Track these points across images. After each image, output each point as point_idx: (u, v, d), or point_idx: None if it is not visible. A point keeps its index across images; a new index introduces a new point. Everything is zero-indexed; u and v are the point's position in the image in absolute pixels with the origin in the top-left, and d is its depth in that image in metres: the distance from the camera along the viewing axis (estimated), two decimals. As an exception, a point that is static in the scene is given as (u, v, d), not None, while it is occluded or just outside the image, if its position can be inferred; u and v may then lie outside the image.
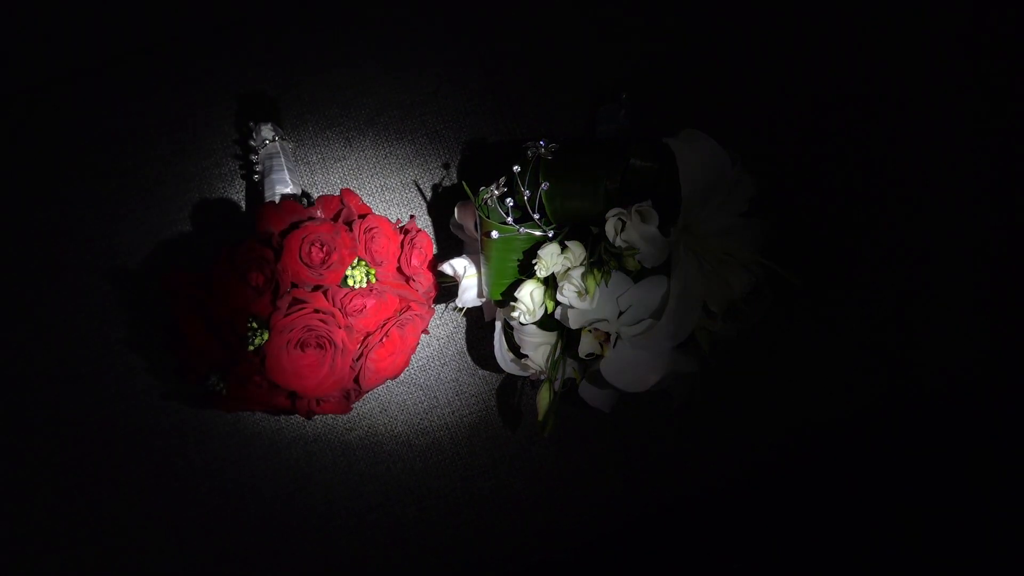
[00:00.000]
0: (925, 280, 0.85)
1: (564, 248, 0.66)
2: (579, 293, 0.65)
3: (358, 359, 0.69)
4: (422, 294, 0.73)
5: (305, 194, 0.82)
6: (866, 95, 0.86)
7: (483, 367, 0.83)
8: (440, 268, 0.75)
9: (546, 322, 0.69)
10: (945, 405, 0.87)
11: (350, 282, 0.67)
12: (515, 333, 0.71)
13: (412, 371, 0.83)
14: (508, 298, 0.70)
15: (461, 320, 0.84)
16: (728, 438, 0.84)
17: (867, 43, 0.87)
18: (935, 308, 0.85)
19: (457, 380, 0.83)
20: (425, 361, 0.83)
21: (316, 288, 0.66)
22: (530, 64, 0.85)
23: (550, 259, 0.66)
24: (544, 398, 0.71)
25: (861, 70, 0.86)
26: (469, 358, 0.83)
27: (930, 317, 0.85)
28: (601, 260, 0.66)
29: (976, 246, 0.86)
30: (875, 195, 0.86)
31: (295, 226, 0.67)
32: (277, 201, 0.75)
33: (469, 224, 0.75)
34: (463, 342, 0.84)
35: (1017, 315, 0.85)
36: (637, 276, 0.66)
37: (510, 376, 0.83)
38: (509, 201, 0.66)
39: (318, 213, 0.70)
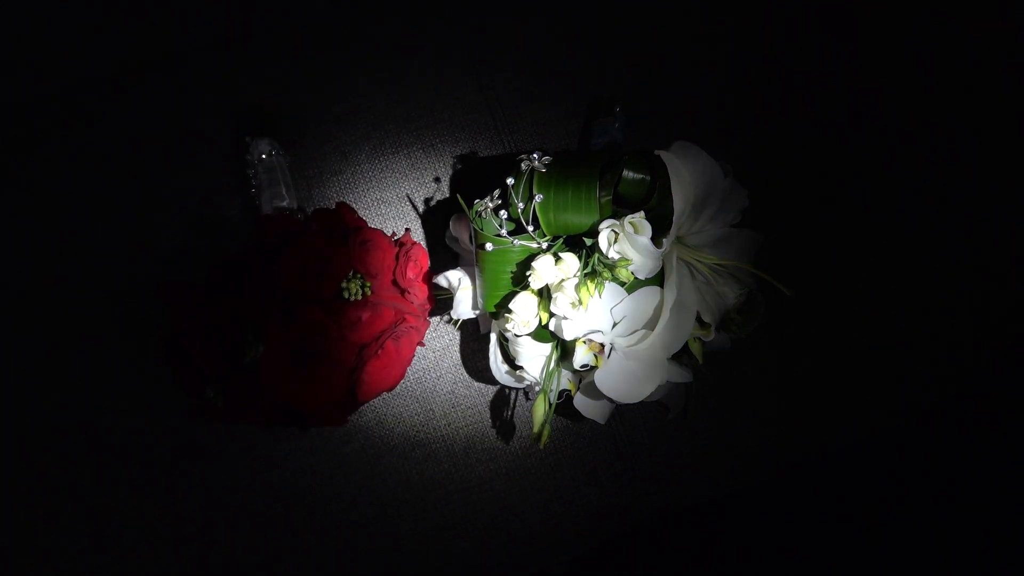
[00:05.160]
0: (920, 288, 0.86)
1: (558, 260, 0.67)
2: (573, 304, 0.65)
3: (354, 371, 0.69)
4: (417, 306, 0.73)
5: (301, 208, 0.83)
6: (858, 106, 0.87)
7: (478, 379, 0.84)
8: (435, 280, 0.75)
9: (540, 334, 0.69)
10: (942, 410, 0.87)
11: (345, 294, 0.67)
12: (510, 345, 0.71)
13: (408, 383, 0.83)
14: (503, 310, 0.70)
15: (456, 332, 0.84)
16: (723, 449, 0.84)
17: (858, 54, 0.88)
18: (930, 316, 0.86)
19: (453, 392, 0.83)
20: (421, 373, 0.83)
21: (312, 300, 0.67)
22: (524, 78, 0.85)
23: (544, 271, 0.66)
24: (539, 409, 0.71)
25: (853, 81, 0.87)
26: (464, 370, 0.84)
27: (925, 324, 0.85)
28: (595, 271, 0.66)
29: (969, 253, 0.86)
30: (867, 204, 0.86)
31: (291, 239, 0.67)
32: (273, 214, 0.75)
33: (464, 237, 0.76)
34: (458, 354, 0.84)
35: (1013, 322, 0.86)
36: (631, 287, 0.67)
37: (505, 388, 0.83)
38: (503, 213, 0.66)
39: (314, 226, 0.70)
